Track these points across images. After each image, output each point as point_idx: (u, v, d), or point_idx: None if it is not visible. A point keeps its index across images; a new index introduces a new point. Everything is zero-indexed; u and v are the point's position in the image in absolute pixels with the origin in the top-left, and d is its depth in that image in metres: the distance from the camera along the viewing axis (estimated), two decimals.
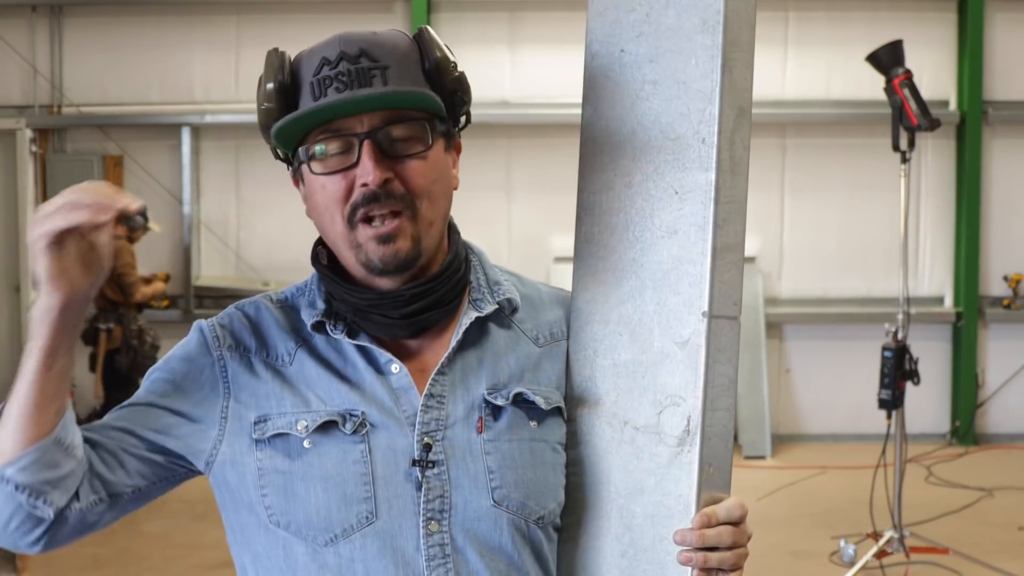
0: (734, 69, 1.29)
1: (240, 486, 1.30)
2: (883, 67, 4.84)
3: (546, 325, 1.41)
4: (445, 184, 1.32)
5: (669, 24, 1.31)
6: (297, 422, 1.28)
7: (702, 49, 1.28)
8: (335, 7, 7.61)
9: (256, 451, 1.29)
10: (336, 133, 1.26)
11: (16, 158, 7.75)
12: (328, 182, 1.28)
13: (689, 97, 1.29)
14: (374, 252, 1.27)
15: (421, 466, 1.26)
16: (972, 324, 7.60)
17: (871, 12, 7.56)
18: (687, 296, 1.28)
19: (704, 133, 1.28)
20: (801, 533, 5.38)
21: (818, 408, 7.67)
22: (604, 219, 1.36)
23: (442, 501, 1.26)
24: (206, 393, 1.33)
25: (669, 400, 1.29)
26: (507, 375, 1.35)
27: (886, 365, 4.73)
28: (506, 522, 1.28)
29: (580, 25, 6.13)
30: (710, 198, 1.27)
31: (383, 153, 1.26)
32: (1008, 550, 5.09)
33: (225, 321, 1.38)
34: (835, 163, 7.58)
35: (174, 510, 5.88)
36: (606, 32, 1.37)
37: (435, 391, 1.30)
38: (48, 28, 7.82)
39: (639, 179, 1.33)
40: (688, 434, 1.27)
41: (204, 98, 7.78)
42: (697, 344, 1.27)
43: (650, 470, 1.29)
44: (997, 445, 7.55)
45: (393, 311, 1.30)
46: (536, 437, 1.33)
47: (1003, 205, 7.71)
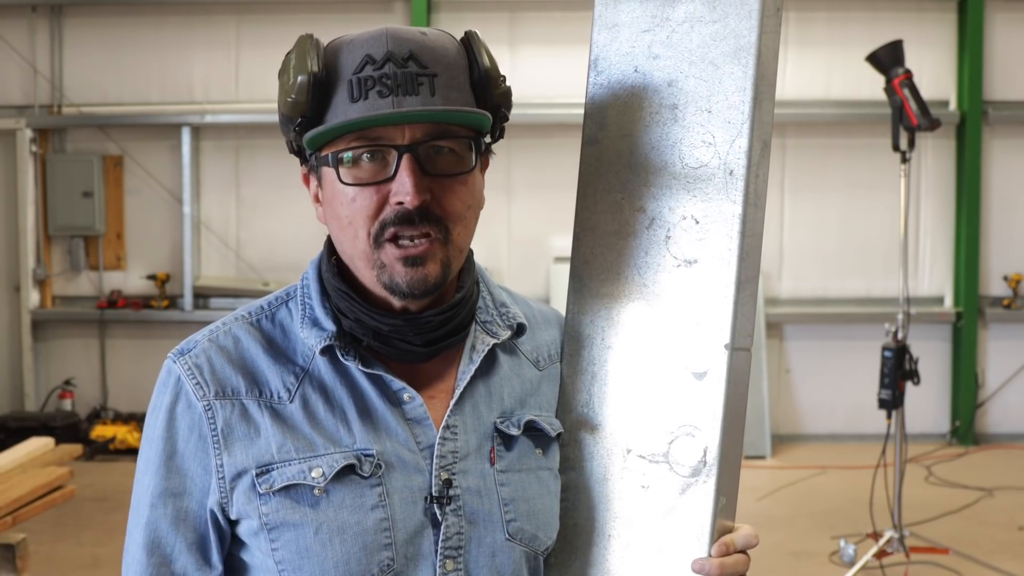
0: (763, 103, 1.27)
1: (252, 542, 1.21)
2: (883, 67, 4.83)
3: (544, 347, 1.35)
4: (478, 209, 1.24)
5: (692, 49, 1.27)
6: (311, 470, 1.18)
7: (731, 79, 1.25)
8: (335, 7, 7.61)
9: (261, 504, 1.19)
10: (373, 142, 1.16)
11: (16, 158, 7.74)
12: (358, 195, 1.17)
13: (714, 126, 1.25)
14: (400, 275, 1.17)
15: (440, 503, 1.20)
16: (972, 324, 7.60)
17: (871, 12, 7.56)
18: (708, 328, 1.25)
19: (733, 165, 1.24)
20: (801, 533, 5.37)
21: (818, 408, 7.67)
22: (608, 241, 1.31)
23: (459, 538, 1.21)
24: (200, 458, 1.21)
25: (682, 430, 1.25)
26: (514, 401, 1.29)
27: (886, 365, 4.73)
28: (519, 555, 1.24)
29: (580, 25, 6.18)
30: (736, 231, 1.24)
31: (422, 170, 1.16)
32: (1008, 550, 5.09)
33: (201, 361, 1.23)
34: (835, 163, 7.58)
35: None
36: (616, 48, 1.31)
37: (450, 422, 1.23)
38: (48, 28, 7.81)
39: (653, 205, 1.29)
40: (705, 465, 1.24)
41: (204, 98, 7.78)
42: (718, 376, 1.24)
43: (659, 499, 1.26)
44: (997, 445, 7.54)
45: (416, 337, 1.22)
46: (543, 466, 1.28)
47: (1003, 205, 7.70)
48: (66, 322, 7.79)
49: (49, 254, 7.88)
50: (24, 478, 3.72)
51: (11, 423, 7.03)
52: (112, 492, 6.21)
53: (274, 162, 7.75)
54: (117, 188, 7.84)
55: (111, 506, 5.92)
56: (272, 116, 8.66)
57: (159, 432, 1.23)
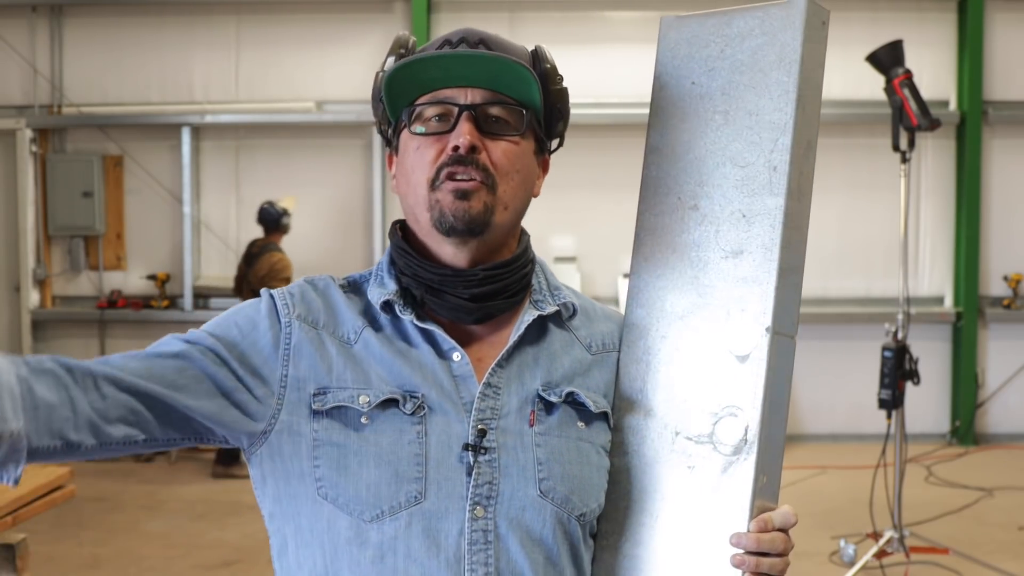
0: (807, 106, 1.37)
1: (294, 455, 1.32)
2: (883, 67, 4.84)
3: (599, 335, 1.46)
4: (526, 178, 1.37)
5: (743, 60, 1.39)
6: (359, 396, 1.31)
7: (776, 85, 1.36)
8: (335, 7, 7.61)
9: (313, 422, 1.31)
10: (441, 102, 1.33)
11: (16, 158, 7.75)
12: (423, 143, 1.33)
13: (761, 128, 1.37)
14: (448, 205, 1.31)
15: (474, 451, 1.29)
16: (972, 324, 7.60)
17: (871, 12, 7.56)
18: (752, 313, 1.34)
19: (776, 162, 1.35)
20: (801, 533, 5.35)
21: (818, 408, 7.67)
22: (666, 239, 1.43)
23: (490, 487, 1.29)
24: (266, 357, 1.34)
25: (726, 411, 1.33)
26: (560, 375, 1.38)
27: (886, 365, 4.74)
28: (549, 513, 1.31)
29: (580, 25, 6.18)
30: (779, 221, 1.34)
31: (478, 127, 1.32)
32: (1008, 550, 5.09)
33: (295, 291, 1.40)
34: (835, 163, 7.58)
35: (174, 510, 5.89)
36: (676, 65, 1.44)
37: (493, 381, 1.34)
38: (48, 28, 7.82)
39: (705, 203, 1.40)
40: (745, 443, 1.31)
41: (204, 98, 7.78)
42: (759, 358, 1.32)
43: (703, 479, 1.33)
44: (997, 445, 7.55)
45: (464, 290, 1.34)
46: (583, 437, 1.37)
47: (1003, 205, 7.71)
48: (66, 322, 7.79)
49: (49, 254, 7.89)
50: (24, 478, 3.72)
51: None
52: (112, 492, 6.22)
53: (274, 162, 7.76)
54: (117, 188, 7.85)
55: (111, 506, 5.92)
56: (272, 116, 8.66)
57: (244, 314, 1.38)
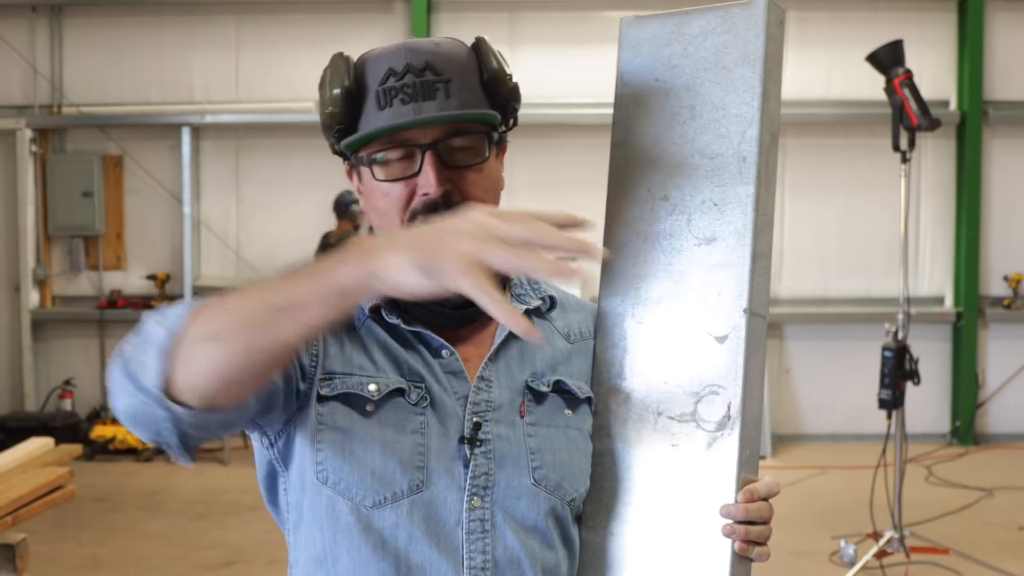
0: (770, 99, 1.42)
1: (300, 436, 1.34)
2: (883, 67, 4.83)
3: (575, 324, 1.51)
4: (497, 192, 1.41)
5: (706, 57, 1.43)
6: (368, 383, 1.34)
7: (742, 80, 1.40)
8: (335, 7, 7.61)
9: (319, 405, 1.33)
10: (400, 143, 1.33)
11: (16, 158, 7.75)
12: (391, 189, 1.34)
13: (728, 121, 1.41)
14: None
15: (470, 444, 1.33)
16: (972, 324, 7.60)
17: (871, 12, 7.56)
18: (728, 296, 1.38)
19: (745, 152, 1.39)
20: (801, 533, 5.37)
21: (818, 408, 7.67)
22: (636, 228, 1.45)
23: (487, 478, 1.33)
24: None
25: (707, 390, 1.38)
26: (544, 365, 1.43)
27: (886, 365, 4.73)
28: (543, 501, 1.36)
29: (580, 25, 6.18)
30: (751, 208, 1.38)
31: (443, 164, 1.33)
32: (1008, 550, 5.09)
33: None
34: (835, 163, 7.58)
35: (174, 510, 5.89)
36: (639, 63, 1.47)
37: (485, 374, 1.38)
38: (48, 28, 7.82)
39: (675, 193, 1.43)
40: (729, 419, 1.36)
41: (204, 98, 7.78)
42: (738, 338, 1.37)
43: (687, 455, 1.38)
44: (997, 445, 7.55)
45: (446, 302, 1.36)
46: (571, 425, 1.42)
47: (1003, 205, 7.71)
48: (66, 322, 7.80)
49: (49, 254, 7.89)
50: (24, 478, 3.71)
51: (11, 423, 7.03)
52: (112, 492, 6.22)
53: (274, 162, 7.76)
54: (117, 188, 7.85)
55: (111, 506, 5.92)
56: (272, 116, 8.68)
57: None
